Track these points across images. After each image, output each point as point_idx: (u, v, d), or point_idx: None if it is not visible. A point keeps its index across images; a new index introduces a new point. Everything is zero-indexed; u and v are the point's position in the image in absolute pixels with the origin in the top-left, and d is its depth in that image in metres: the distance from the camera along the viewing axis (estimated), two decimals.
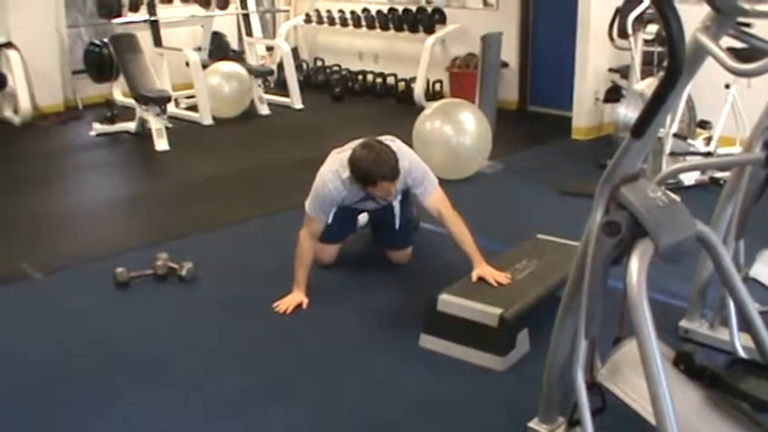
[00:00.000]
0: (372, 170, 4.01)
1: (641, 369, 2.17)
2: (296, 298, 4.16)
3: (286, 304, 4.12)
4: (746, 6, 2.13)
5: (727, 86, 6.17)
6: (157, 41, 8.83)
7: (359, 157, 4.04)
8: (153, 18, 8.82)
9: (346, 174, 4.13)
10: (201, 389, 3.40)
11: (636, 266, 2.23)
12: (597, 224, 2.38)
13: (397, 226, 4.58)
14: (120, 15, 8.81)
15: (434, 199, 4.23)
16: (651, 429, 2.19)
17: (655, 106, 2.21)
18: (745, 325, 2.61)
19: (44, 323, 4.03)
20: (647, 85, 5.94)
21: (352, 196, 4.25)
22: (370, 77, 10.56)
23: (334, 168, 4.20)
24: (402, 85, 10.05)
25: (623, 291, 2.24)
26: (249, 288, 4.42)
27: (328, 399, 3.33)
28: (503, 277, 3.88)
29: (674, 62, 2.08)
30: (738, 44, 2.47)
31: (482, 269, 3.94)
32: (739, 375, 2.46)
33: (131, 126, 8.17)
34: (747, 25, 2.54)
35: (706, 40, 2.20)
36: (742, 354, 3.21)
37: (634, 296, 2.20)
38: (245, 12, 10.00)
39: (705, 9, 2.23)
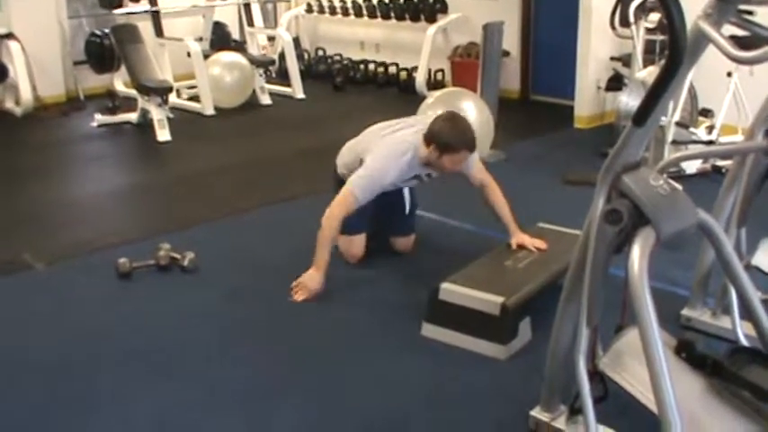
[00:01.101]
0: (458, 138, 4.10)
1: (643, 357, 2.18)
2: (314, 281, 4.10)
3: (305, 293, 4.07)
4: None
5: (730, 75, 6.17)
6: (159, 32, 8.83)
7: (443, 129, 4.12)
8: (154, 8, 8.82)
9: (409, 155, 4.16)
10: (203, 381, 3.40)
11: (637, 255, 2.23)
12: (599, 213, 2.39)
13: (407, 211, 4.63)
14: (121, 6, 8.79)
15: (478, 169, 4.37)
16: (653, 417, 2.20)
17: (656, 94, 2.20)
18: (747, 313, 2.61)
19: (46, 314, 4.03)
20: (649, 74, 5.92)
21: (403, 176, 4.26)
22: (371, 67, 10.53)
23: (395, 149, 4.20)
24: (404, 74, 10.03)
25: (625, 279, 2.24)
26: (251, 278, 4.42)
27: (331, 390, 3.33)
28: (540, 242, 4.13)
29: (674, 50, 2.08)
30: (741, 32, 2.47)
31: (520, 237, 4.18)
32: (741, 364, 2.46)
33: (133, 117, 8.17)
34: (750, 13, 2.53)
35: (707, 28, 2.20)
36: (744, 342, 3.21)
37: (636, 284, 2.20)
38: (246, 1, 9.98)
39: None
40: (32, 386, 3.37)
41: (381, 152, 4.21)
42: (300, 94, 9.61)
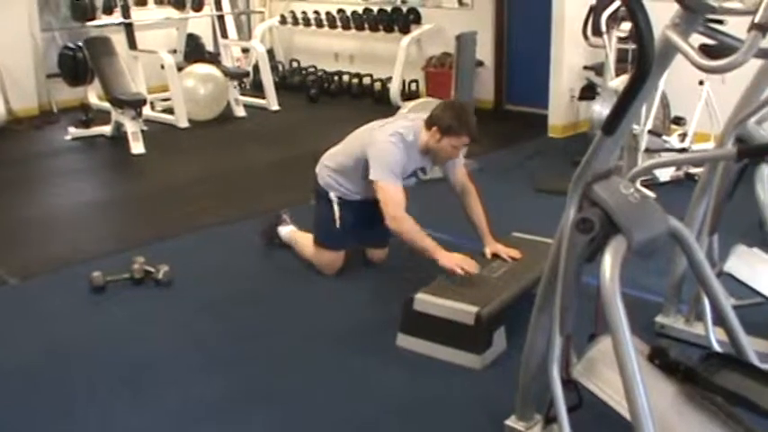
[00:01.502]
0: (461, 122, 4.14)
1: (616, 365, 2.18)
2: (452, 260, 3.90)
3: (460, 261, 3.88)
4: (714, 3, 2.14)
5: (701, 83, 6.24)
6: (132, 44, 8.79)
7: (447, 111, 4.19)
8: (127, 21, 8.79)
9: (410, 138, 4.21)
10: (179, 392, 3.39)
11: (609, 263, 2.24)
12: (570, 221, 2.39)
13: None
14: (94, 18, 8.74)
15: (462, 173, 4.44)
16: (627, 425, 2.20)
17: (625, 103, 2.22)
18: (720, 320, 2.63)
19: (20, 329, 4.00)
20: (622, 83, 5.97)
21: (406, 162, 4.24)
22: (345, 78, 10.56)
23: (396, 132, 4.22)
24: (378, 85, 10.05)
25: (597, 287, 2.25)
26: (225, 291, 4.40)
27: (306, 400, 3.32)
28: (514, 252, 4.13)
29: (642, 59, 2.10)
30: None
31: (494, 246, 4.18)
32: (714, 369, 2.47)
33: (107, 130, 8.12)
34: (720, 22, 2.55)
35: (675, 37, 2.21)
36: (717, 348, 3.23)
37: (608, 293, 2.21)
38: (219, 13, 9.98)
39: (675, 6, 2.25)
40: (8, 399, 3.34)
41: (383, 138, 4.22)
42: (275, 106, 9.60)
